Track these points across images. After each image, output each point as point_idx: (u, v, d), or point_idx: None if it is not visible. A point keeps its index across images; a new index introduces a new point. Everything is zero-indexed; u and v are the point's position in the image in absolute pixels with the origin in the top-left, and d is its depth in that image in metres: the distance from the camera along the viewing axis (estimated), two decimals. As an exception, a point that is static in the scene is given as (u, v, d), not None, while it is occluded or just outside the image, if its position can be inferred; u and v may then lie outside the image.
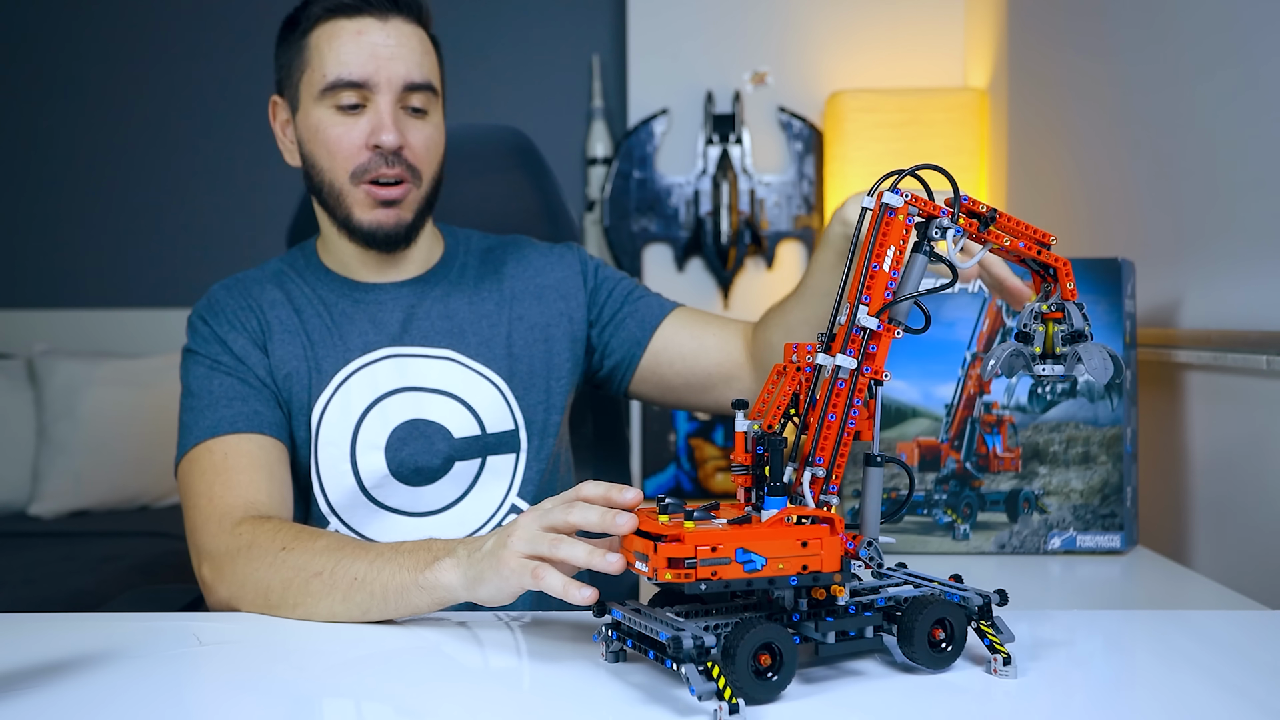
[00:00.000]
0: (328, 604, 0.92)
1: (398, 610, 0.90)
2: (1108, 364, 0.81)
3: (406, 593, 0.89)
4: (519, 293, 1.26)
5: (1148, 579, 1.24)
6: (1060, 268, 0.83)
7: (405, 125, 1.15)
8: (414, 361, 1.19)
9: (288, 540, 0.98)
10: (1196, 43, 1.40)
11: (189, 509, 1.09)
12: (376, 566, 0.91)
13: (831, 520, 0.72)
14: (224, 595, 1.00)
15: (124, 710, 0.72)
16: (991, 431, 1.31)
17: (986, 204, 0.79)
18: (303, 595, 0.94)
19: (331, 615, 0.93)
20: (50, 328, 3.04)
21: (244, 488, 1.08)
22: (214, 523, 1.05)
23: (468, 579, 0.85)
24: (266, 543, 0.99)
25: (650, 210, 2.70)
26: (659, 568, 0.69)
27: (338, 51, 1.14)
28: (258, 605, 0.97)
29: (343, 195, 1.16)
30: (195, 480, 1.09)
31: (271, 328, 1.18)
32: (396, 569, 0.90)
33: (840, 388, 0.75)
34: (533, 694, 0.77)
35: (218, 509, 1.06)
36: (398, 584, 0.89)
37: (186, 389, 1.16)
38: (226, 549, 1.01)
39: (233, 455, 1.10)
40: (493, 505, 1.19)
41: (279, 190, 2.88)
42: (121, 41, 3.11)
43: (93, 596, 2.01)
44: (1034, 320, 0.84)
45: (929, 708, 0.70)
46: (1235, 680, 0.76)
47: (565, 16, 3.03)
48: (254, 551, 0.99)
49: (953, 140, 2.40)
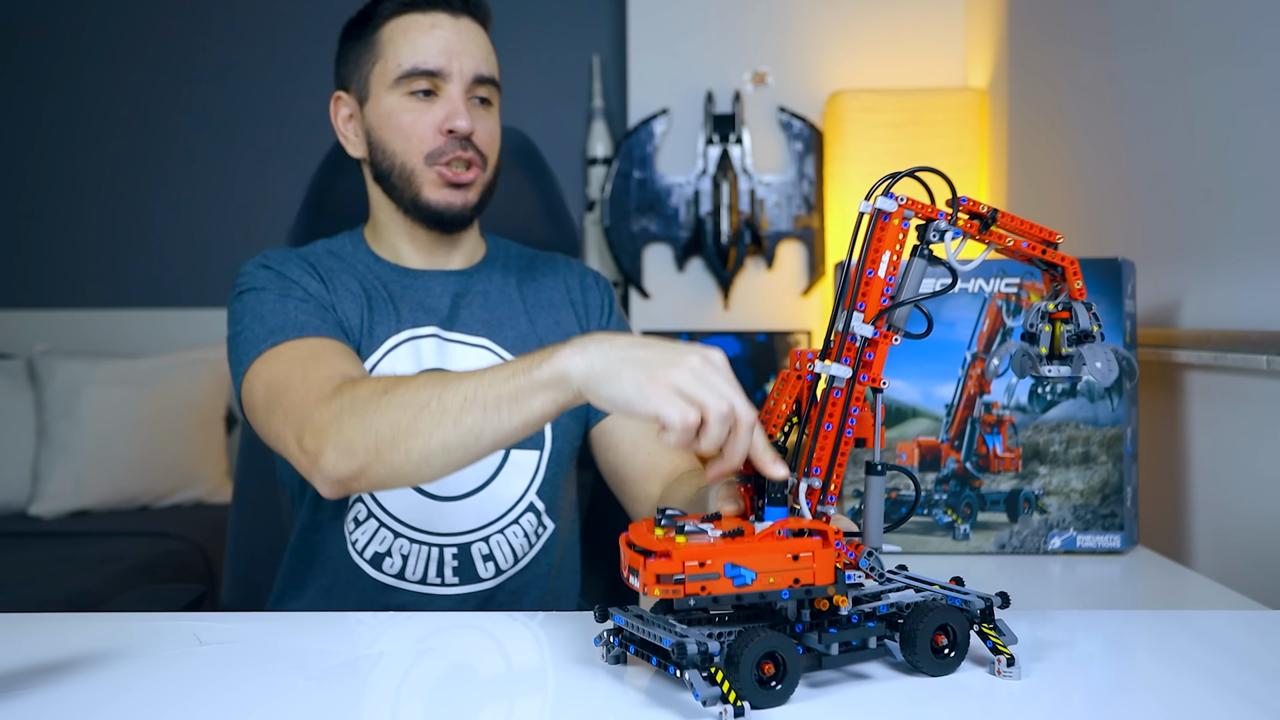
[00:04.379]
0: (440, 435, 0.89)
1: (512, 419, 0.86)
2: (1112, 366, 0.79)
3: (521, 395, 0.85)
4: (554, 301, 1.31)
5: (1148, 579, 1.24)
6: (1067, 267, 0.81)
7: (474, 114, 1.22)
8: (455, 347, 1.22)
9: (388, 385, 0.95)
10: (1196, 42, 1.40)
11: (282, 393, 1.04)
12: (487, 379, 0.88)
13: (825, 532, 0.72)
14: (331, 459, 0.95)
15: (124, 710, 0.72)
16: (992, 431, 1.31)
17: (987, 204, 0.78)
18: (413, 434, 0.90)
19: (445, 447, 0.89)
20: (50, 328, 3.04)
21: (338, 366, 1.05)
22: (314, 394, 1.01)
23: (595, 370, 0.81)
24: (367, 392, 0.95)
25: (650, 210, 2.70)
26: (648, 583, 0.69)
27: (413, 42, 1.19)
28: (370, 458, 0.93)
29: (414, 175, 1.21)
30: (283, 368, 1.06)
31: (333, 284, 1.21)
32: (510, 374, 0.87)
33: (836, 397, 0.74)
34: (534, 696, 0.76)
35: (315, 382, 1.02)
36: (511, 388, 0.86)
37: (254, 315, 1.13)
38: (329, 411, 0.97)
39: (319, 347, 1.09)
40: (512, 498, 1.20)
41: (279, 190, 2.89)
42: (121, 41, 3.11)
43: (93, 596, 2.01)
44: (1041, 320, 0.82)
45: (933, 710, 0.70)
46: (1235, 680, 0.76)
47: (565, 16, 3.03)
48: (356, 404, 0.95)
49: (953, 140, 2.40)
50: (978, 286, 1.30)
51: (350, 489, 0.97)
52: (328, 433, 0.96)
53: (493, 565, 1.20)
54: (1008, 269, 1.30)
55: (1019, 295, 1.30)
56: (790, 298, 2.70)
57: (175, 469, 2.73)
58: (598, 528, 1.48)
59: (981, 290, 1.30)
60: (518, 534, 1.21)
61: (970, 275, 1.30)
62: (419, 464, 0.91)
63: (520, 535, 1.21)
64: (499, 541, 1.20)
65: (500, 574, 1.20)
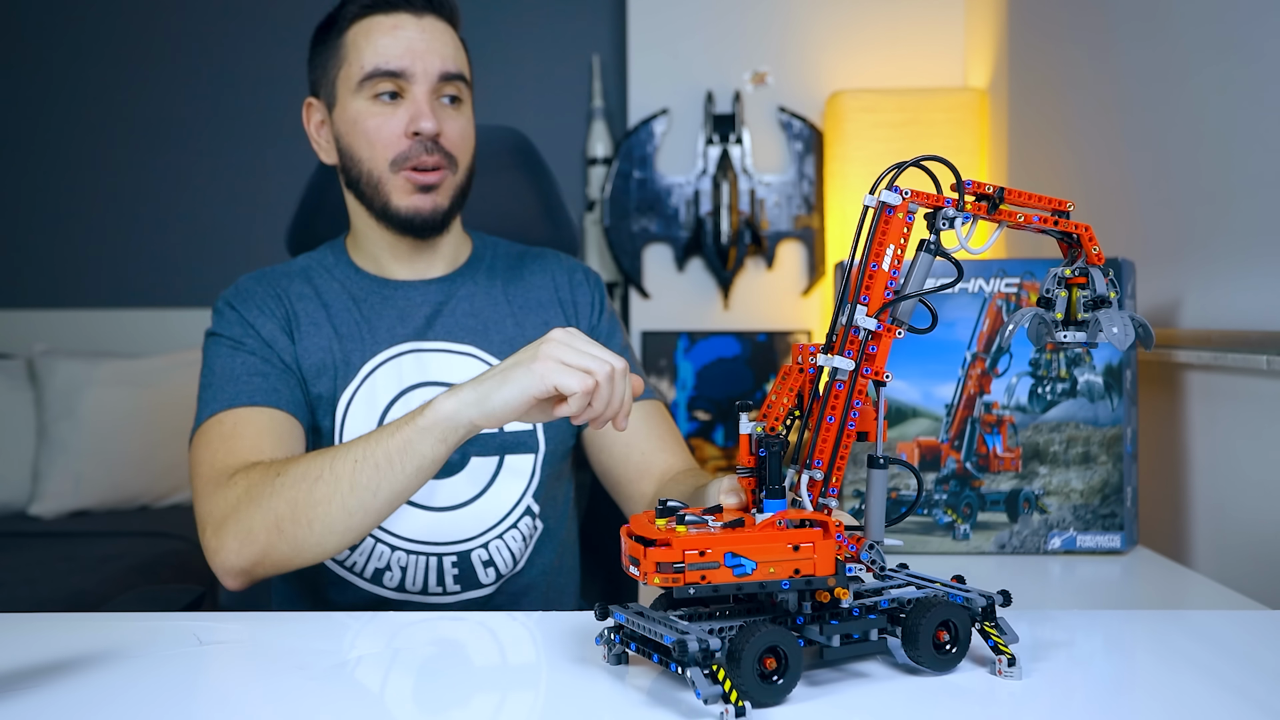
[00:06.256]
0: (338, 500, 0.91)
1: (405, 470, 0.89)
2: (1129, 331, 0.77)
3: (409, 445, 0.88)
4: (542, 301, 1.29)
5: (1148, 579, 1.24)
6: (1083, 233, 0.79)
7: (441, 115, 1.19)
8: (436, 357, 1.21)
9: (280, 467, 0.97)
10: (1196, 42, 1.40)
11: (193, 479, 1.07)
12: (373, 440, 0.91)
13: (825, 523, 0.72)
14: (233, 548, 0.97)
15: (124, 710, 0.72)
16: (992, 431, 1.31)
17: (992, 184, 0.77)
18: (311, 504, 0.92)
19: (345, 510, 0.91)
20: (50, 328, 3.04)
21: (246, 451, 1.06)
22: (211, 484, 1.03)
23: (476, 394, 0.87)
24: (260, 477, 0.98)
25: (650, 210, 2.70)
26: (649, 572, 0.69)
27: (375, 44, 1.17)
28: (272, 538, 0.95)
29: (382, 183, 1.19)
30: (200, 451, 1.08)
31: (299, 319, 1.20)
32: (393, 431, 0.90)
33: (839, 389, 0.74)
34: (535, 696, 0.76)
35: (215, 472, 1.04)
36: (398, 441, 0.89)
37: (208, 369, 1.16)
38: (226, 503, 0.99)
39: (241, 424, 1.09)
40: (509, 503, 1.20)
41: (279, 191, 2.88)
42: (122, 42, 3.11)
43: (93, 596, 2.01)
44: (1057, 286, 0.80)
45: (934, 709, 0.70)
46: (1235, 680, 0.76)
47: (565, 16, 3.03)
48: (252, 491, 0.97)
49: (953, 140, 2.40)
50: (978, 286, 1.30)
51: (254, 576, 0.99)
52: (227, 525, 0.99)
53: (493, 570, 1.19)
54: (1008, 269, 1.30)
55: (1019, 295, 1.30)
56: (790, 298, 2.70)
57: (175, 469, 2.73)
58: (596, 529, 1.48)
59: (981, 290, 1.30)
60: (516, 538, 1.21)
61: (970, 275, 1.30)
62: (322, 533, 0.93)
63: (519, 539, 1.21)
64: (498, 547, 1.20)
65: (500, 578, 1.20)
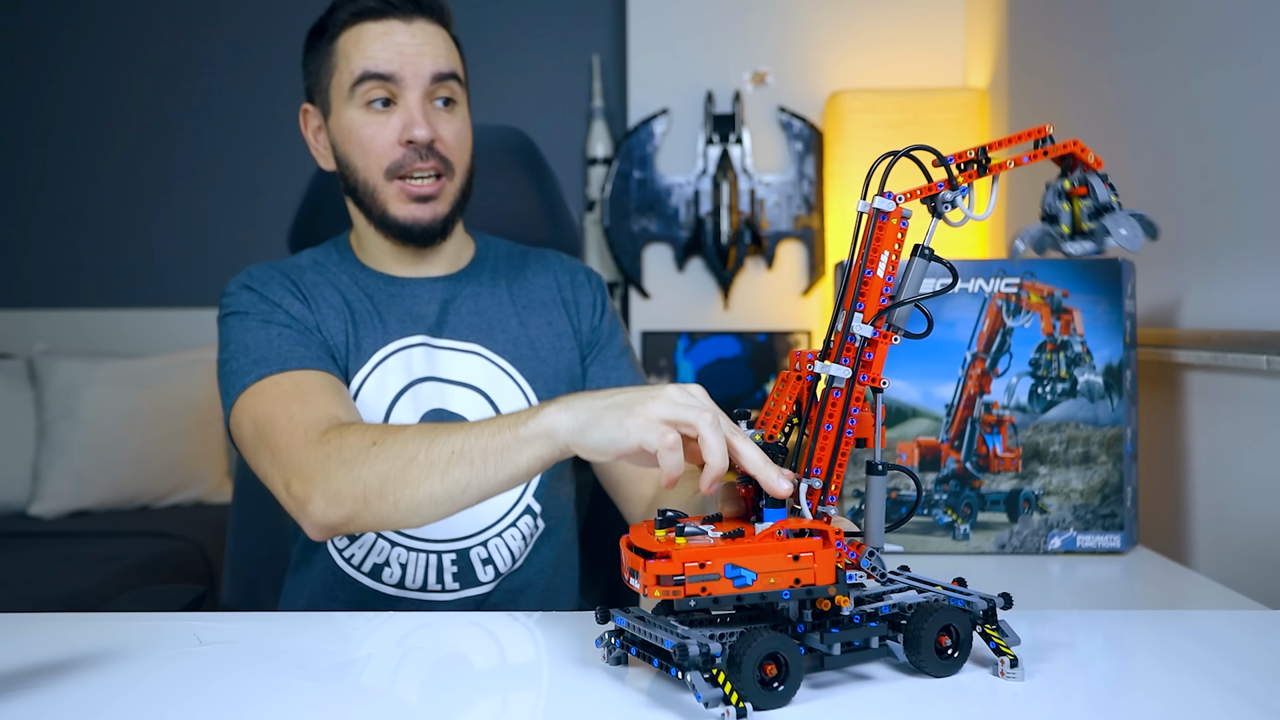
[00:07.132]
0: (428, 487, 0.90)
1: (498, 473, 0.88)
2: (1136, 231, 0.76)
3: (508, 450, 0.87)
4: (545, 301, 1.28)
5: (1148, 579, 1.24)
6: (1073, 148, 0.78)
7: (436, 119, 1.17)
8: (444, 354, 1.21)
9: (376, 435, 0.96)
10: (1196, 42, 1.40)
11: (268, 433, 1.04)
12: (474, 434, 0.89)
13: (825, 532, 0.71)
14: (320, 506, 0.96)
15: (124, 710, 0.72)
16: (991, 431, 1.31)
17: (972, 149, 0.76)
18: (401, 485, 0.91)
19: (433, 499, 0.90)
20: (50, 328, 3.04)
21: (323, 406, 1.05)
22: (299, 436, 1.01)
23: (579, 422, 0.83)
24: (356, 442, 0.96)
25: (650, 210, 2.70)
26: (649, 584, 0.69)
27: (365, 50, 1.16)
28: (358, 507, 0.94)
29: (377, 192, 1.18)
30: (268, 405, 1.06)
31: (316, 300, 1.19)
32: (496, 429, 0.88)
33: (836, 397, 0.74)
34: (536, 697, 0.76)
35: (300, 424, 1.03)
36: (499, 443, 0.87)
37: (238, 344, 1.13)
38: (316, 458, 0.98)
39: (303, 383, 1.08)
40: (510, 502, 1.20)
41: (279, 191, 2.88)
42: (122, 42, 3.11)
43: (93, 596, 2.01)
44: (1058, 199, 0.79)
45: (936, 711, 0.70)
46: (1235, 680, 0.76)
47: (565, 16, 3.03)
48: (344, 454, 0.96)
49: (953, 140, 2.40)
50: (978, 286, 1.30)
51: (338, 533, 0.98)
52: (315, 480, 0.97)
53: (491, 569, 1.20)
54: (1007, 269, 1.30)
55: (1019, 295, 1.30)
56: (790, 298, 2.70)
57: (175, 469, 2.73)
58: (597, 529, 1.48)
59: (981, 290, 1.30)
60: (515, 537, 1.21)
61: (970, 275, 1.30)
62: (407, 514, 0.93)
63: (518, 538, 1.21)
64: (497, 545, 1.20)
65: (499, 576, 1.20)
